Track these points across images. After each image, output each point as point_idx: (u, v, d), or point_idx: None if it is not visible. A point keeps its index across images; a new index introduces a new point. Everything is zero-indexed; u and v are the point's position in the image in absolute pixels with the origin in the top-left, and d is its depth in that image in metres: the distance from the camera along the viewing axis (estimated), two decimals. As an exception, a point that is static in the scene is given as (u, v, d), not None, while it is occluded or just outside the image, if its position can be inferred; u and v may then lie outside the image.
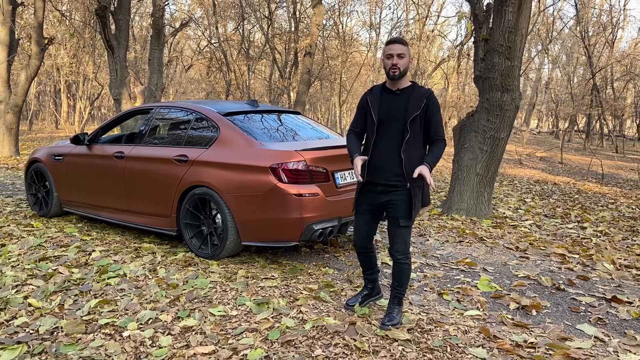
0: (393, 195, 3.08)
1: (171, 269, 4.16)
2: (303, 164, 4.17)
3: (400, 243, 3.12)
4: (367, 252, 3.34)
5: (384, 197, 3.10)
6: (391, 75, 3.06)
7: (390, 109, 3.08)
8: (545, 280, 4.05)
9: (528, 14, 6.71)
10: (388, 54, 3.06)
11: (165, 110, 5.37)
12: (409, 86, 3.14)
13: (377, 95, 3.17)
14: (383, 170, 3.07)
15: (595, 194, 10.11)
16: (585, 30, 23.77)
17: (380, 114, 3.09)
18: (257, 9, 20.86)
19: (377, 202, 3.15)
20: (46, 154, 5.99)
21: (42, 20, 13.05)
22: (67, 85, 26.41)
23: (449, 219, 6.69)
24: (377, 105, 3.12)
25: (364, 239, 3.29)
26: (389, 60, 3.05)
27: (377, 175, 3.10)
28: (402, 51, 3.04)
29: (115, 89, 11.40)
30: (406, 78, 3.13)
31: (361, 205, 3.22)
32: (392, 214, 3.11)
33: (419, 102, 3.03)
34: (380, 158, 3.08)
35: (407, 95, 3.09)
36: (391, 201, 3.09)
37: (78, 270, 4.14)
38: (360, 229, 3.27)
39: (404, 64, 3.06)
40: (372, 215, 3.23)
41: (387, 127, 3.07)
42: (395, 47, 3.04)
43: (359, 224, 3.27)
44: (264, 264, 4.40)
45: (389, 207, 3.11)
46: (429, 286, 3.91)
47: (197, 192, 4.50)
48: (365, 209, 3.21)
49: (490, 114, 6.83)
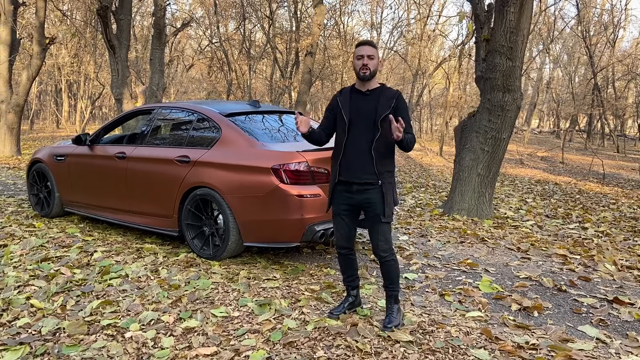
0: (368, 194, 3.14)
1: (173, 269, 4.17)
2: (305, 165, 4.17)
3: (383, 241, 3.17)
4: (349, 253, 3.37)
5: (360, 196, 3.16)
6: (361, 75, 3.15)
7: (360, 109, 3.16)
8: (547, 281, 4.05)
9: (529, 14, 6.70)
10: (358, 55, 3.16)
11: (166, 111, 5.38)
12: (377, 87, 3.23)
13: (346, 96, 3.25)
14: (355, 169, 3.14)
15: (596, 194, 10.11)
16: (586, 29, 23.72)
17: (351, 114, 3.17)
18: (258, 9, 20.86)
19: (354, 202, 3.20)
20: (48, 154, 6.00)
21: (43, 20, 13.06)
22: (68, 85, 26.43)
23: (450, 219, 6.69)
24: (347, 105, 3.20)
25: (346, 239, 3.32)
26: (359, 61, 3.15)
27: (350, 174, 3.16)
28: (372, 53, 3.15)
29: (117, 89, 11.41)
30: (375, 80, 3.21)
31: (339, 206, 3.26)
32: (372, 212, 3.16)
33: (389, 102, 3.13)
34: (352, 157, 3.15)
35: (377, 95, 3.18)
36: (368, 199, 3.15)
37: (80, 271, 4.15)
38: (341, 230, 3.30)
39: (374, 65, 3.15)
40: (351, 215, 3.27)
41: (358, 126, 3.14)
42: (365, 48, 3.16)
43: (339, 225, 3.30)
44: (266, 264, 4.40)
45: (367, 206, 3.17)
46: (431, 287, 3.91)
47: (199, 192, 4.51)
48: (343, 209, 3.25)
49: (492, 115, 6.83)
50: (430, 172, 13.64)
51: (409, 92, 26.31)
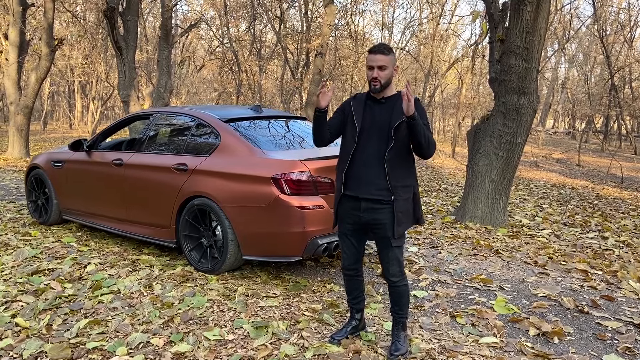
0: (378, 214, 2.81)
1: (168, 285, 3.95)
2: (307, 175, 3.93)
3: (394, 265, 2.87)
4: (357, 275, 3.08)
5: (369, 216, 2.84)
6: (372, 88, 2.84)
7: (374, 117, 2.86)
8: (567, 301, 3.74)
9: (546, 14, 6.38)
10: (369, 65, 2.81)
11: (165, 116, 5.17)
12: (394, 95, 2.89)
13: (361, 102, 2.94)
14: (364, 182, 2.81)
15: (615, 200, 9.73)
16: (603, 29, 23.15)
17: (363, 122, 2.87)
18: (269, 9, 20.66)
19: (361, 221, 2.88)
20: (46, 160, 5.82)
21: (52, 22, 12.96)
22: (81, 86, 26.46)
23: (463, 227, 6.41)
24: (360, 112, 2.89)
25: (353, 260, 3.02)
26: (370, 71, 2.81)
27: (357, 188, 2.83)
28: (384, 62, 2.78)
29: (124, 91, 11.27)
30: (392, 87, 2.89)
31: (344, 224, 2.96)
32: (381, 234, 2.85)
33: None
34: (360, 170, 2.83)
35: (393, 103, 2.86)
36: (377, 220, 2.82)
37: (71, 285, 3.95)
38: (348, 250, 3.01)
39: (386, 76, 2.81)
40: (358, 234, 2.97)
41: (369, 135, 2.83)
42: (377, 58, 2.78)
43: (346, 246, 3.01)
44: (266, 279, 4.17)
45: (376, 227, 2.85)
46: (441, 307, 3.63)
47: (197, 202, 4.29)
48: (350, 229, 2.95)
49: (507, 118, 6.53)
50: (442, 175, 13.31)
51: (420, 92, 25.95)
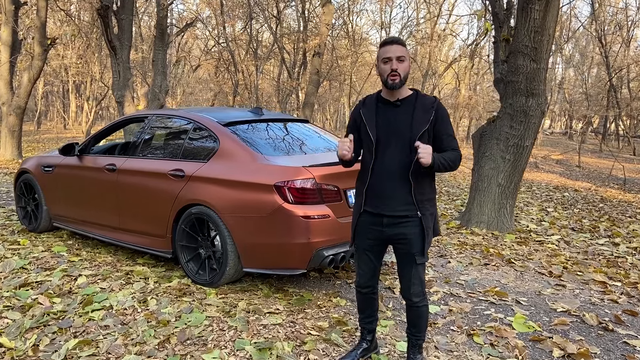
0: (403, 228, 2.55)
1: (163, 299, 3.70)
2: (312, 182, 3.69)
3: (417, 284, 2.62)
4: (372, 293, 2.83)
5: (392, 230, 2.58)
6: (390, 84, 2.50)
7: (391, 124, 2.54)
8: (590, 317, 3.52)
9: (556, 13, 6.17)
10: (385, 58, 2.50)
11: (161, 119, 4.92)
12: (410, 95, 2.58)
13: (371, 107, 2.62)
14: (387, 198, 2.54)
15: (620, 203, 9.54)
16: (602, 29, 23.03)
17: (378, 131, 2.55)
18: (266, 9, 20.40)
19: (383, 236, 2.62)
20: (35, 165, 5.56)
21: (44, 21, 12.67)
22: (75, 86, 26.12)
23: (469, 233, 6.20)
24: (372, 119, 2.58)
25: (370, 277, 2.76)
26: (386, 65, 2.50)
27: (379, 205, 2.56)
28: (402, 54, 2.50)
29: (118, 91, 11.00)
30: (406, 86, 2.58)
31: (363, 240, 2.68)
32: (405, 250, 2.59)
33: (426, 115, 2.51)
34: (382, 184, 2.54)
35: (410, 106, 2.54)
36: (402, 235, 2.56)
37: (60, 300, 3.70)
38: (365, 267, 2.74)
39: (405, 69, 2.51)
40: (378, 250, 2.70)
41: (388, 146, 2.53)
42: (394, 48, 2.49)
43: (363, 262, 2.73)
44: (268, 292, 3.93)
45: (400, 242, 2.58)
46: (456, 324, 3.41)
47: (194, 211, 4.05)
48: (369, 245, 2.67)
49: (514, 120, 6.32)
50: (441, 176, 13.10)
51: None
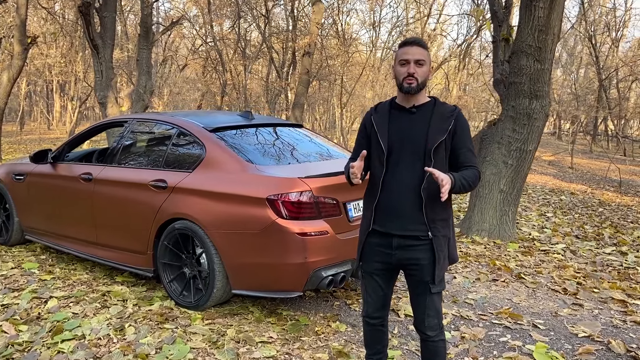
0: (415, 252, 2.27)
1: (143, 327, 3.32)
2: (308, 195, 3.34)
3: (433, 315, 2.31)
4: (381, 325, 2.50)
5: (402, 255, 2.29)
6: (406, 88, 2.27)
7: (405, 132, 2.31)
8: (617, 344, 3.20)
9: (561, 10, 5.87)
10: (402, 60, 2.28)
11: (142, 124, 4.53)
12: (428, 102, 2.34)
13: (384, 114, 2.37)
14: (397, 215, 2.28)
15: (619, 206, 9.33)
16: (591, 29, 22.96)
17: (390, 140, 2.31)
18: (254, 7, 19.99)
19: (392, 260, 2.32)
20: (6, 172, 5.14)
21: (25, 18, 12.15)
22: (59, 85, 25.47)
23: (470, 242, 5.90)
24: (385, 127, 2.33)
25: (379, 307, 2.44)
26: (403, 67, 2.27)
27: (388, 223, 2.29)
28: (422, 57, 2.27)
29: (101, 92, 10.54)
30: (424, 92, 2.34)
31: (371, 263, 2.37)
32: (418, 278, 2.29)
33: (444, 124, 2.26)
34: (392, 199, 2.29)
35: (427, 114, 2.30)
36: (414, 260, 2.27)
37: (27, 328, 3.31)
38: (373, 294, 2.42)
39: (424, 74, 2.28)
40: (388, 276, 2.40)
41: (401, 157, 2.29)
42: (414, 50, 2.27)
43: (371, 288, 2.41)
44: (260, 316, 3.57)
45: (412, 268, 2.29)
46: (471, 354, 3.07)
47: (178, 226, 3.67)
48: (378, 269, 2.37)
49: (517, 124, 6.02)
50: (436, 179, 12.83)
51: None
